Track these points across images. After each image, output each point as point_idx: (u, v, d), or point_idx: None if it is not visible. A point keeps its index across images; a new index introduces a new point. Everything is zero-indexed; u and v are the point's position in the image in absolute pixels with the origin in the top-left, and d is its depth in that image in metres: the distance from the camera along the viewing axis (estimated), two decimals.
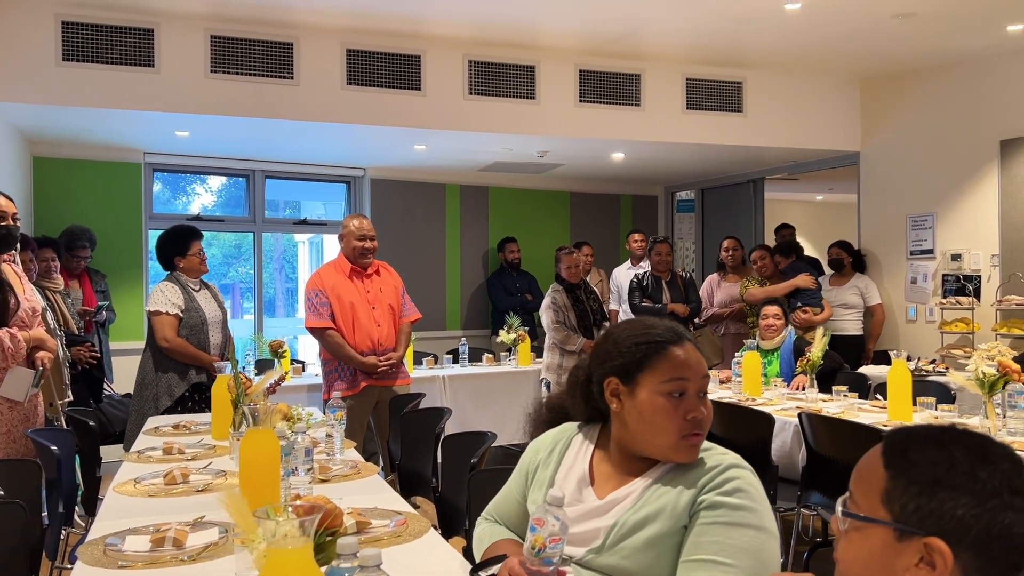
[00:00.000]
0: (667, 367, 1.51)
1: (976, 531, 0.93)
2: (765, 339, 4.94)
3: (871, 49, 5.68)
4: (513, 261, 7.46)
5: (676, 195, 8.53)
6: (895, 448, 1.01)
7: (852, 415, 3.62)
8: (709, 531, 1.41)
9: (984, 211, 5.80)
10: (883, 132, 6.50)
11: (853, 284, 6.29)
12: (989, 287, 5.73)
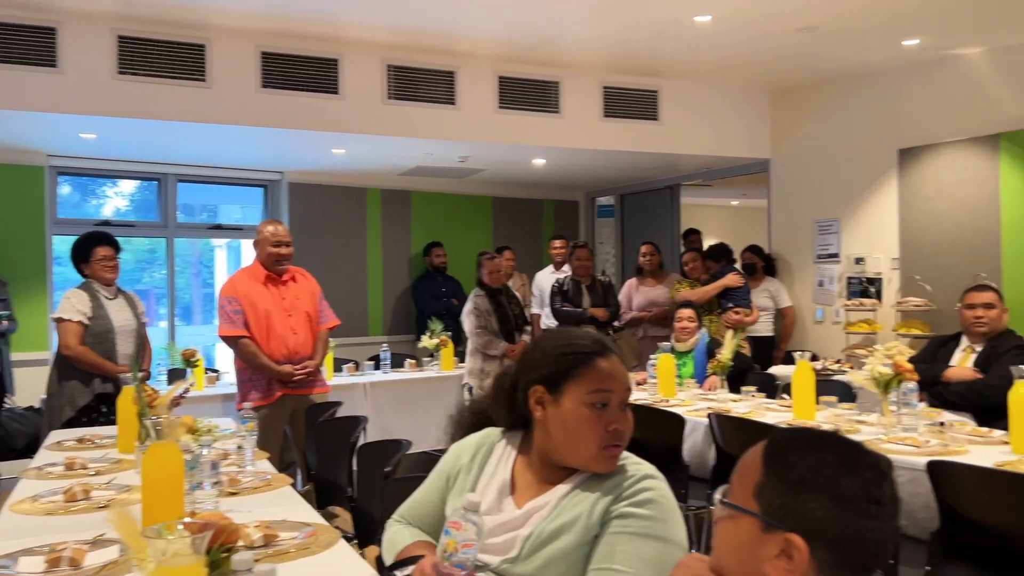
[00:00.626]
0: (592, 378, 1.53)
1: (833, 532, 0.99)
2: (679, 341, 5.06)
3: (779, 61, 5.89)
4: (439, 265, 7.46)
5: (597, 201, 8.67)
6: (775, 448, 1.08)
7: (759, 415, 3.74)
8: (616, 541, 1.44)
9: (885, 217, 6.08)
10: (792, 140, 6.75)
11: (764, 287, 6.51)
12: (890, 289, 6.01)
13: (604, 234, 8.64)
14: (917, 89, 5.84)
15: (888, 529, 1.02)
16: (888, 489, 1.03)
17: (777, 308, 6.51)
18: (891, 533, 1.02)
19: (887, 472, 1.04)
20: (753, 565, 1.04)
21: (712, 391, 4.46)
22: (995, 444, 2.98)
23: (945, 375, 3.91)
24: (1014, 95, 5.31)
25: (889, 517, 1.02)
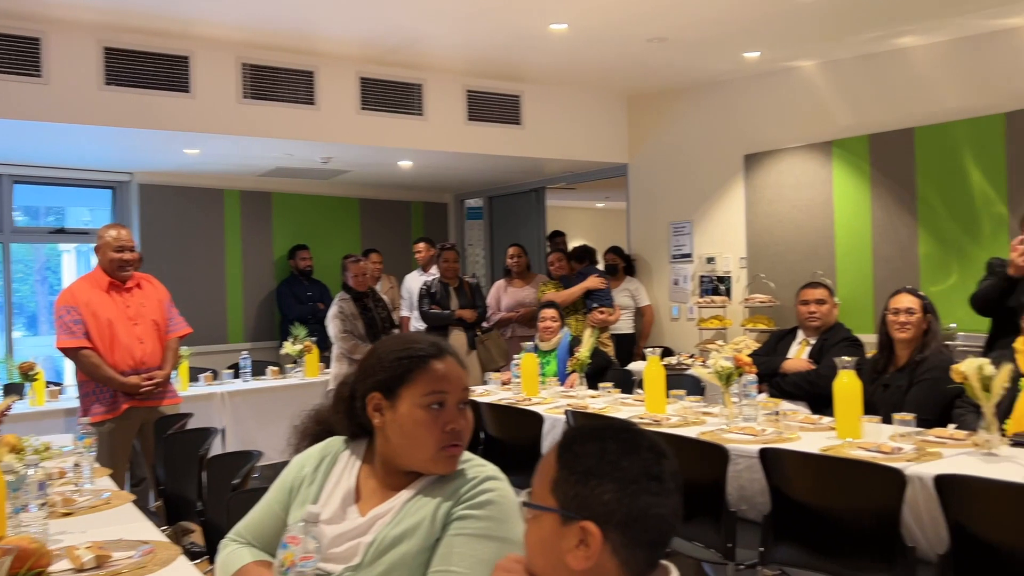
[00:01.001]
0: (427, 380, 1.54)
1: (620, 514, 1.06)
2: (543, 341, 5.17)
3: (633, 69, 6.13)
4: (305, 269, 7.29)
5: (466, 203, 8.73)
6: (565, 443, 1.14)
7: (615, 410, 3.89)
8: (454, 543, 1.46)
9: (733, 218, 6.44)
10: (647, 146, 7.03)
11: (625, 287, 6.76)
12: (738, 287, 6.37)
13: (474, 236, 8.70)
14: (759, 98, 6.21)
15: (670, 504, 1.09)
16: (667, 467, 1.11)
17: (637, 307, 6.77)
18: (673, 507, 1.10)
19: (665, 452, 1.12)
20: (558, 559, 1.09)
21: (572, 388, 4.58)
22: (824, 430, 3.22)
23: (782, 367, 4.19)
24: (844, 105, 5.75)
25: (669, 492, 1.10)
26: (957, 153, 5.16)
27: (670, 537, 1.11)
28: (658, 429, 3.28)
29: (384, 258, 7.22)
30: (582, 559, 1.06)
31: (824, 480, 2.49)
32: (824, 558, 2.45)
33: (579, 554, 1.07)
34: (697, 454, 2.84)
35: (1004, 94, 4.93)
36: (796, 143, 5.99)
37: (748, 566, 2.69)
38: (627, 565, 1.07)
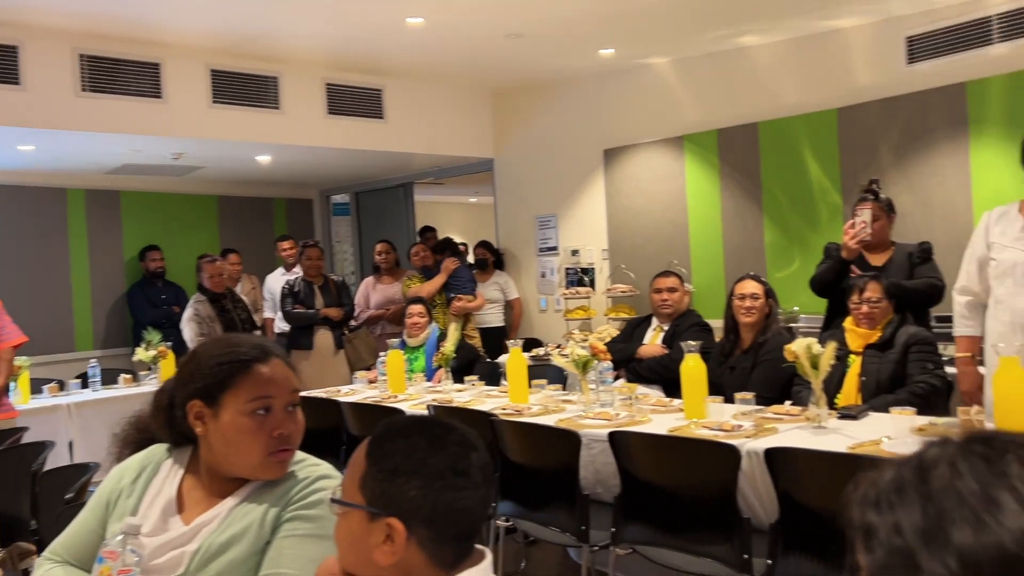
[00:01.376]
0: (251, 385, 1.49)
1: (425, 509, 1.07)
2: (411, 337, 5.15)
3: (494, 64, 6.18)
4: (156, 271, 6.94)
5: (332, 199, 8.55)
6: (375, 439, 1.14)
7: (480, 402, 3.92)
8: (284, 545, 1.43)
9: (594, 211, 6.61)
10: (512, 140, 7.12)
11: (494, 280, 6.82)
12: (601, 278, 6.56)
13: (341, 232, 8.54)
14: (616, 94, 6.40)
15: (477, 496, 1.11)
16: (476, 460, 1.13)
17: (506, 300, 6.84)
18: (481, 499, 1.13)
19: (475, 446, 1.15)
20: (366, 555, 1.09)
21: (439, 384, 4.58)
22: (674, 412, 3.36)
23: (638, 352, 4.34)
24: (694, 101, 6.01)
25: (477, 485, 1.11)
26: (796, 146, 5.50)
27: (479, 528, 1.14)
28: (518, 419, 3.33)
29: (246, 257, 6.98)
30: (388, 555, 1.07)
31: (668, 459, 2.60)
32: (670, 534, 2.56)
33: (385, 550, 1.07)
34: (552, 441, 2.91)
35: (836, 90, 5.29)
36: (651, 138, 6.21)
37: (602, 547, 2.77)
38: (435, 558, 1.08)
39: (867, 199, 3.87)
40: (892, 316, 3.38)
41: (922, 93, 4.89)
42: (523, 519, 3.05)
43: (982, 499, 0.55)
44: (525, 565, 3.76)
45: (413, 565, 1.07)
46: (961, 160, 4.77)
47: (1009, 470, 0.56)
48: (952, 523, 0.54)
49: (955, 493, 0.56)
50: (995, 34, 4.62)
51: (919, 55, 4.92)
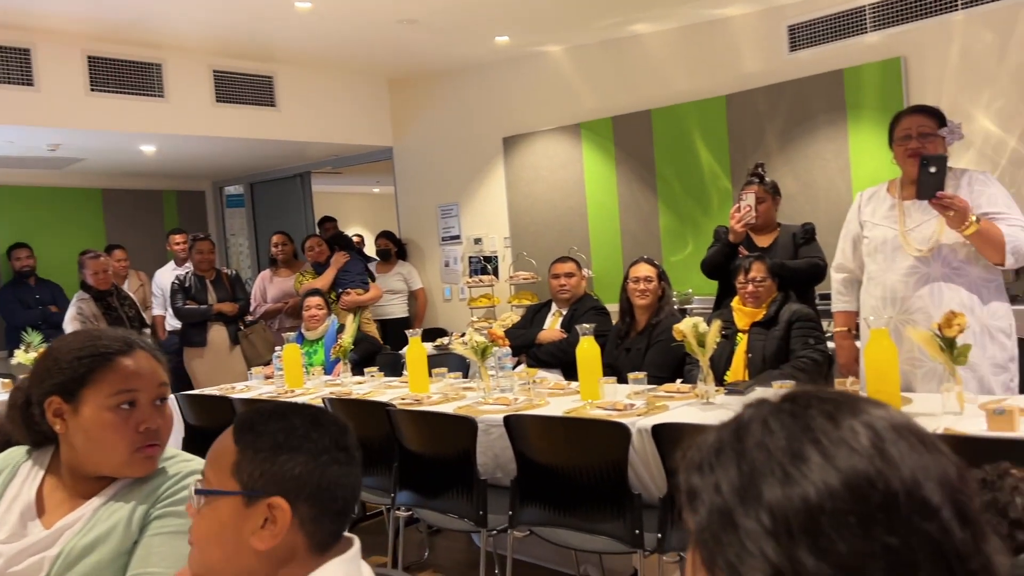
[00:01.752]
0: (114, 379, 1.42)
1: (311, 485, 1.06)
2: (309, 330, 5.04)
3: (388, 51, 6.09)
4: (22, 270, 6.52)
5: (225, 190, 8.28)
6: (243, 425, 1.11)
7: (379, 393, 3.87)
8: (152, 543, 1.38)
9: (496, 199, 6.62)
10: (411, 129, 7.04)
11: (397, 271, 6.74)
12: (504, 265, 6.57)
13: (235, 225, 8.28)
14: (513, 82, 6.42)
15: (355, 474, 1.12)
16: (351, 440, 1.14)
17: (410, 290, 6.78)
18: (357, 477, 1.13)
19: (347, 428, 1.15)
20: (238, 544, 1.05)
21: (338, 377, 4.50)
22: (571, 394, 3.40)
23: (538, 338, 4.38)
24: (589, 89, 6.08)
25: (354, 463, 1.12)
26: (687, 133, 5.64)
27: (354, 506, 1.14)
28: (418, 408, 3.31)
29: (134, 253, 6.68)
30: (268, 538, 1.04)
31: (562, 441, 2.63)
32: (565, 514, 2.59)
33: (265, 534, 1.04)
34: (449, 428, 2.90)
35: (724, 77, 5.45)
36: (549, 125, 6.26)
37: (500, 531, 2.78)
38: (313, 538, 1.06)
39: (753, 183, 4.00)
40: (776, 295, 3.51)
41: (803, 80, 5.09)
42: (422, 508, 3.03)
43: (789, 454, 0.56)
44: (428, 554, 3.75)
45: (292, 546, 1.05)
46: (840, 144, 4.99)
47: (814, 424, 0.57)
48: (763, 479, 0.56)
49: (765, 450, 0.57)
50: (869, 23, 4.84)
51: (800, 43, 5.12)
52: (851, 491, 0.54)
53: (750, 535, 0.54)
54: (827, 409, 0.58)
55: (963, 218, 2.63)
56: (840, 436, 0.56)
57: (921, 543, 0.53)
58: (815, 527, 0.53)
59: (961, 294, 2.74)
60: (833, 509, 0.53)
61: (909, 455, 0.56)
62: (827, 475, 0.54)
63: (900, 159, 2.92)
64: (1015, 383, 2.79)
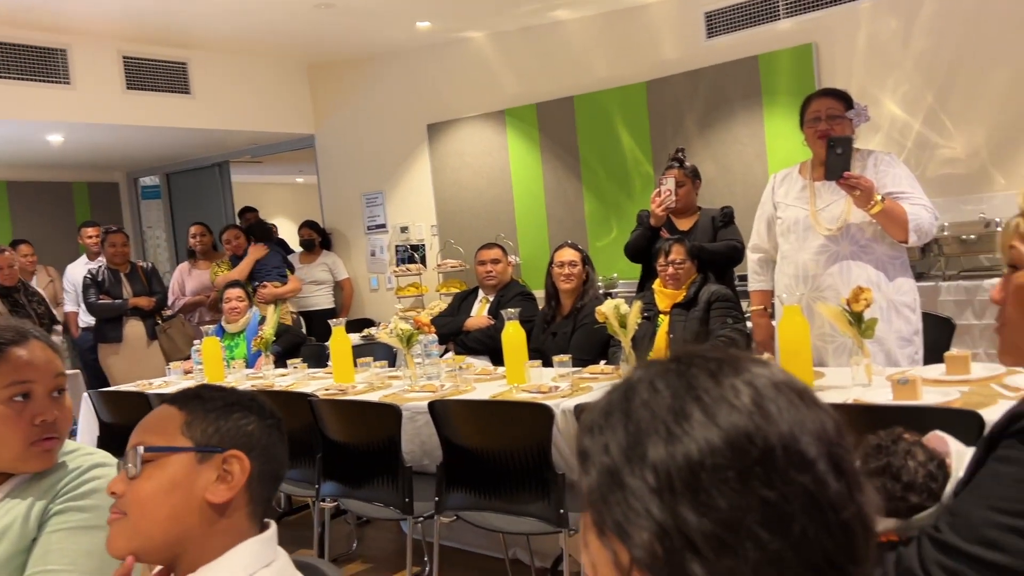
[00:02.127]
0: (6, 370, 1.36)
1: (262, 442, 1.12)
2: (230, 322, 4.91)
3: (308, 37, 5.96)
4: None
5: (140, 181, 7.99)
6: (187, 394, 1.15)
7: (303, 385, 3.81)
8: (51, 540, 1.33)
9: (421, 187, 6.57)
10: (333, 116, 6.92)
11: (322, 261, 6.62)
12: (432, 254, 6.54)
13: (152, 217, 8.01)
14: (437, 68, 6.36)
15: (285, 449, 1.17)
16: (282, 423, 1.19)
17: (336, 280, 6.67)
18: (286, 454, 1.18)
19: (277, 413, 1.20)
20: (189, 503, 1.07)
21: (260, 370, 4.41)
22: (498, 379, 3.41)
23: (465, 325, 4.37)
24: (512, 75, 6.08)
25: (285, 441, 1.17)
26: (610, 119, 5.69)
27: (281, 480, 1.18)
28: (342, 397, 3.26)
29: (43, 248, 6.40)
30: (224, 491, 1.07)
31: (486, 425, 2.63)
32: (491, 498, 2.60)
33: (221, 487, 1.08)
34: (372, 417, 2.87)
35: (644, 64, 5.52)
36: (473, 112, 6.23)
37: (427, 517, 2.77)
38: (255, 502, 1.11)
39: (673, 167, 4.07)
40: (695, 276, 3.58)
41: (720, 66, 5.19)
42: (347, 498, 3.00)
43: (673, 412, 0.56)
44: (357, 546, 3.71)
45: (237, 506, 1.09)
46: (756, 128, 5.12)
47: (697, 383, 0.58)
48: (648, 438, 0.56)
49: (650, 409, 0.57)
50: (781, 10, 4.97)
51: (717, 30, 5.21)
52: (731, 447, 0.54)
53: (635, 494, 0.55)
54: (710, 368, 0.59)
55: (869, 198, 2.73)
56: (721, 394, 0.57)
57: (796, 495, 0.54)
58: (696, 483, 0.54)
59: (868, 271, 2.85)
60: (713, 465, 0.54)
61: (788, 410, 0.57)
62: (708, 432, 0.55)
63: (810, 141, 3.00)
64: (920, 355, 2.91)
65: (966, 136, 4.50)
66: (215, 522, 1.08)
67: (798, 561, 0.54)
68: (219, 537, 1.09)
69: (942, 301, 4.14)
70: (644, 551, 0.55)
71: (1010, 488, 0.91)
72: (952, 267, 4.34)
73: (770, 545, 0.53)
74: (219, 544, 1.08)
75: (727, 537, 0.53)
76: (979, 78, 4.42)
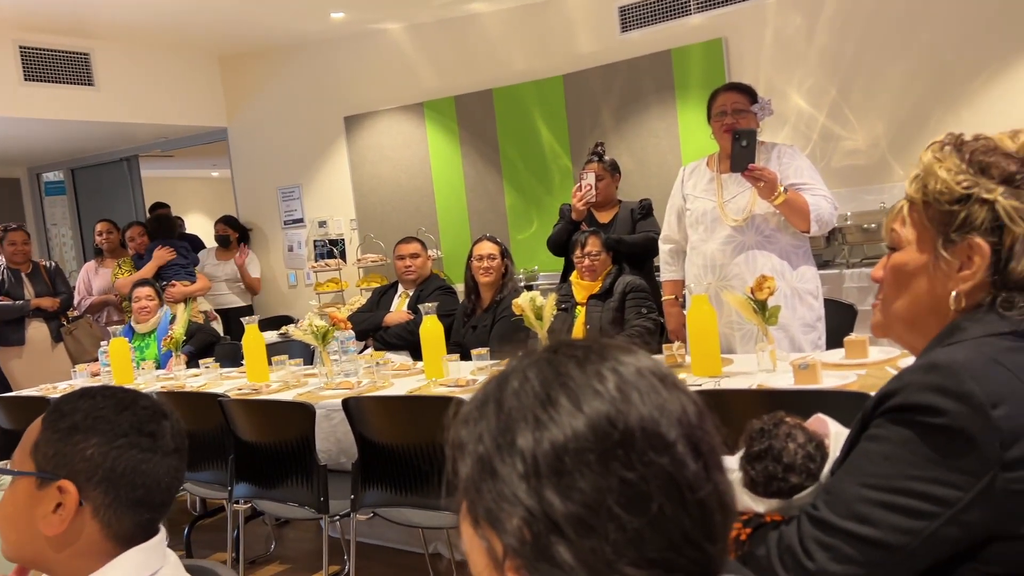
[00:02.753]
0: None
1: (104, 469, 1.00)
2: (139, 323, 4.75)
3: (219, 26, 5.79)
4: None
5: (43, 177, 7.63)
6: (55, 404, 1.06)
7: (216, 385, 3.71)
8: None
9: (340, 181, 6.47)
10: (247, 108, 6.74)
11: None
12: (351, 248, 6.45)
13: (56, 214, 7.66)
14: (353, 60, 6.27)
15: (165, 464, 1.05)
16: (168, 428, 1.07)
17: (252, 277, 6.50)
18: (169, 469, 1.06)
19: (167, 414, 1.09)
20: (31, 529, 1.00)
21: (172, 370, 4.28)
22: (416, 375, 3.39)
23: (385, 320, 4.33)
24: (430, 68, 6.04)
25: (167, 453, 1.06)
26: (528, 112, 5.71)
27: (163, 500, 1.07)
28: (254, 397, 3.19)
29: None
30: (56, 523, 0.99)
31: (400, 420, 2.62)
32: (409, 493, 2.59)
33: (54, 518, 0.99)
34: (285, 416, 2.82)
35: (561, 57, 5.55)
36: (391, 104, 6.16)
37: (343, 516, 2.74)
38: (110, 528, 1.01)
39: (592, 161, 4.12)
40: (611, 268, 3.64)
41: (635, 60, 5.27)
42: (261, 499, 2.94)
43: (542, 400, 0.57)
44: (275, 546, 3.64)
45: (84, 537, 1.00)
46: (670, 122, 5.22)
47: (565, 370, 0.59)
48: (517, 426, 0.57)
49: (519, 398, 0.58)
50: (693, 5, 5.07)
51: (631, 24, 5.29)
52: (593, 431, 0.56)
53: (505, 481, 0.56)
54: (577, 356, 0.60)
55: (772, 189, 2.81)
56: (587, 381, 0.58)
57: (655, 475, 0.55)
58: (561, 467, 0.55)
59: (773, 260, 2.94)
60: (576, 449, 0.55)
61: (649, 395, 0.58)
62: (573, 418, 0.56)
63: (717, 134, 3.08)
64: (823, 340, 3.02)
65: (867, 128, 4.69)
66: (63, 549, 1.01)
67: (657, 539, 0.55)
68: (81, 560, 1.01)
69: (846, 288, 4.31)
70: (514, 537, 0.55)
71: (879, 465, 0.95)
72: (855, 255, 4.52)
73: (629, 525, 0.55)
74: (83, 566, 1.01)
75: (589, 518, 0.54)
76: (878, 73, 4.61)
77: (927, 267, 1.13)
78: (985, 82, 4.35)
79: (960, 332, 1.12)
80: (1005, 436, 0.99)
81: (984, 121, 4.33)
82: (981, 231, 1.09)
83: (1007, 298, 1.11)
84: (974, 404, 1.00)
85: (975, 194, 1.11)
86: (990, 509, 0.98)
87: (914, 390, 1.03)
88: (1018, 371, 1.05)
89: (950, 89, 4.43)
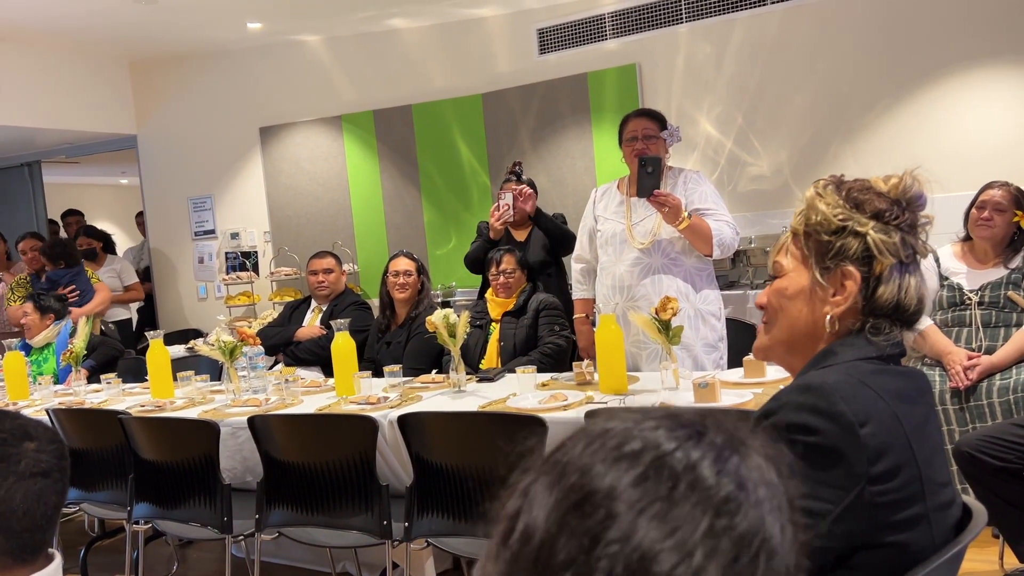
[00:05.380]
0: None
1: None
2: (28, 339, 4.56)
3: (129, 31, 5.62)
4: None
5: None
6: None
7: (117, 401, 3.59)
8: None
9: (254, 192, 6.35)
10: (158, 116, 6.56)
11: (109, 267, 6.09)
12: (265, 261, 6.33)
13: None
14: (269, 70, 6.18)
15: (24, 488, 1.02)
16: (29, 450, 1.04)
17: (125, 286, 6.23)
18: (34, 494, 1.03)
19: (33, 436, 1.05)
20: None
21: (71, 386, 4.11)
22: (328, 391, 3.35)
23: (296, 335, 4.27)
24: (348, 81, 6.00)
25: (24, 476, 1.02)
26: (448, 129, 5.74)
27: (26, 525, 1.02)
28: (156, 415, 3.11)
29: None
30: None
31: (309, 439, 2.59)
32: (315, 512, 2.56)
33: None
34: (188, 434, 2.75)
35: (480, 76, 5.61)
36: (308, 116, 6.10)
37: (247, 535, 2.69)
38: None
39: (511, 180, 4.18)
40: (525, 285, 3.69)
41: (552, 82, 5.37)
42: (162, 520, 2.85)
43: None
44: (177, 567, 3.53)
45: None
46: (586, 143, 5.33)
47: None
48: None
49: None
50: (608, 31, 5.21)
51: (549, 47, 5.39)
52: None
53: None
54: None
55: (677, 214, 2.92)
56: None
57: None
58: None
59: (678, 283, 3.04)
60: None
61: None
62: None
63: (627, 159, 3.18)
64: (724, 360, 3.14)
65: (771, 155, 4.90)
66: None
67: None
68: None
69: (750, 308, 4.48)
70: None
71: None
72: (759, 276, 4.70)
73: None
74: None
75: None
76: (782, 102, 4.83)
77: (805, 292, 1.24)
78: (879, 114, 4.61)
79: (832, 356, 1.22)
80: (871, 453, 1.07)
81: (877, 150, 4.59)
82: (853, 260, 1.21)
83: (875, 324, 1.22)
84: (844, 423, 1.08)
85: (849, 227, 1.22)
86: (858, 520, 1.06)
87: (791, 409, 1.11)
88: (882, 392, 1.14)
89: (847, 120, 4.68)
